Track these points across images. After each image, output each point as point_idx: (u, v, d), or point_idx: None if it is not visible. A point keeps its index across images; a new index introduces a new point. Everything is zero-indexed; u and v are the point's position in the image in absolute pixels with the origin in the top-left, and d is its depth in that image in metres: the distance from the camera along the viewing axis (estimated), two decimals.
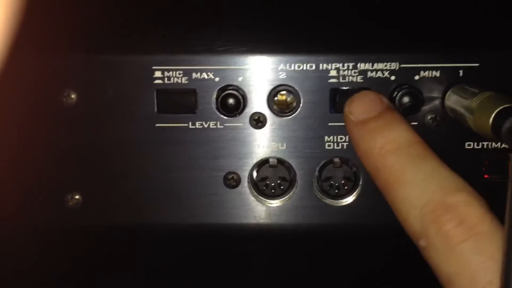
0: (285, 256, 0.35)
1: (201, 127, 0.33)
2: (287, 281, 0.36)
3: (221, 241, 0.34)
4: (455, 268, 0.22)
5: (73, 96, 0.32)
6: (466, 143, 0.33)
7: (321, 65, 0.32)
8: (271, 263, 0.36)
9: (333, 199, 0.34)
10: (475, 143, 0.33)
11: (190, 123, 0.33)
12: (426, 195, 0.24)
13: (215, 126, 0.33)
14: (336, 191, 0.34)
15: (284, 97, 0.33)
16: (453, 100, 0.31)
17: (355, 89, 0.32)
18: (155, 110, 0.33)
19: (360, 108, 0.28)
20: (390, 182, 0.26)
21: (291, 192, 0.34)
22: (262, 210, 0.34)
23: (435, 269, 0.24)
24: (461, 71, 0.32)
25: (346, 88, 0.32)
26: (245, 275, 0.36)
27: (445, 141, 0.33)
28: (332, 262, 0.36)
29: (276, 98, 0.33)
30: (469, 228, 0.23)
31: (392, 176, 0.25)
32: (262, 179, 0.34)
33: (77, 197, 0.33)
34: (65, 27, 0.32)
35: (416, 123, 0.32)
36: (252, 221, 0.34)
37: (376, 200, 0.33)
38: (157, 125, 0.33)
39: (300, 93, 0.32)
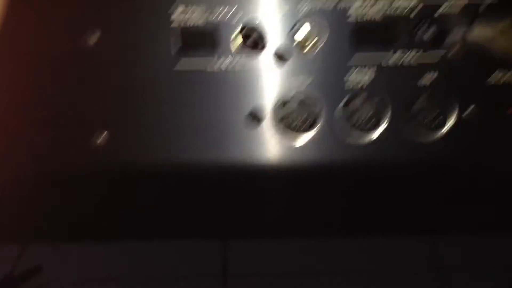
0: (310, 194, 0.35)
1: (223, 64, 0.33)
2: (311, 220, 0.36)
3: (244, 180, 0.34)
4: None
5: (96, 35, 0.32)
6: (489, 79, 0.33)
7: None
8: (294, 202, 0.35)
9: (358, 136, 0.34)
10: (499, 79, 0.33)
11: (212, 60, 0.33)
12: None
13: (238, 64, 0.33)
14: (362, 126, 0.33)
15: (307, 32, 0.33)
16: (477, 31, 0.31)
17: (378, 20, 0.32)
18: (177, 47, 0.32)
19: None
20: None
21: (316, 128, 0.33)
22: (287, 148, 0.34)
23: None
24: (481, 7, 0.32)
25: (370, 24, 0.32)
26: (268, 212, 0.36)
27: (467, 76, 0.33)
28: (357, 200, 0.35)
29: (298, 33, 0.33)
30: None
31: None
32: (286, 115, 0.33)
33: (104, 135, 0.33)
34: None
35: (438, 59, 0.32)
36: (277, 159, 0.34)
37: (402, 136, 0.34)
38: (179, 63, 0.33)
39: (324, 28, 0.32)
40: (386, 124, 0.33)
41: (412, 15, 0.32)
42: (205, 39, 0.32)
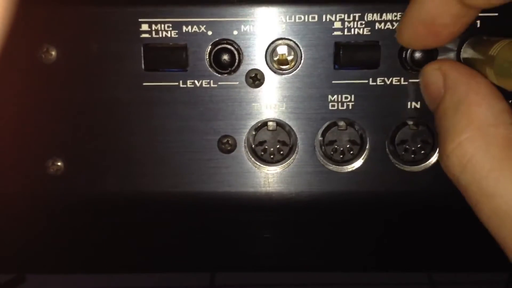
0: (285, 227, 0.33)
1: (192, 86, 0.30)
2: (287, 253, 0.33)
3: (215, 211, 0.32)
4: None
5: (52, 52, 0.30)
6: None
7: (324, 16, 0.29)
8: (270, 235, 0.33)
9: (337, 165, 0.31)
10: None
11: (180, 81, 0.30)
12: None
13: (208, 85, 0.30)
14: (341, 156, 0.31)
15: (283, 52, 0.30)
16: (470, 52, 0.29)
17: (362, 43, 0.29)
18: (142, 67, 0.30)
19: None
20: None
21: (292, 158, 0.31)
22: (260, 177, 0.31)
23: None
24: (478, 22, 0.29)
25: (352, 41, 0.29)
26: (242, 247, 0.33)
27: None
28: (336, 232, 0.33)
29: (275, 54, 0.30)
30: None
31: None
32: (260, 143, 0.31)
33: (59, 163, 0.31)
34: None
35: None
36: (249, 189, 0.31)
37: (384, 166, 0.31)
38: (144, 83, 0.30)
39: (301, 48, 0.30)
40: (369, 152, 0.31)
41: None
42: (173, 59, 0.30)
